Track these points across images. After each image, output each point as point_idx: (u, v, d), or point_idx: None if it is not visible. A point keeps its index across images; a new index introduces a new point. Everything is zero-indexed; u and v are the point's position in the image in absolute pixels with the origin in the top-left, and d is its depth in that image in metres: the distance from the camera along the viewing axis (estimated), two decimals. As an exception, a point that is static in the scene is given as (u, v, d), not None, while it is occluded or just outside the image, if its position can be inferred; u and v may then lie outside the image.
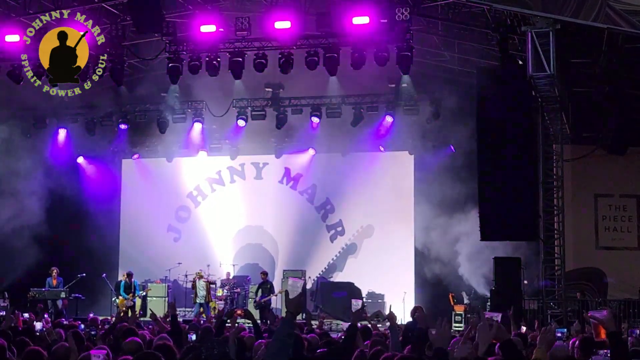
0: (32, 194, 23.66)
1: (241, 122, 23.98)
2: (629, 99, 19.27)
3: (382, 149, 24.84)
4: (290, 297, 5.20)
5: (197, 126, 24.44)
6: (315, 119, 23.53)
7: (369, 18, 18.00)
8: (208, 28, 18.89)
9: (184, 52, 19.82)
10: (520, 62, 17.84)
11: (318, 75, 20.48)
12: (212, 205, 26.64)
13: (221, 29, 19.19)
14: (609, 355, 7.11)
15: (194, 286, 22.83)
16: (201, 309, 22.41)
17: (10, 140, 23.58)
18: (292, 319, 5.19)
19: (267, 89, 23.76)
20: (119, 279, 23.01)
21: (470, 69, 21.04)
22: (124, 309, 21.95)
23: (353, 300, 7.22)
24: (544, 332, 6.39)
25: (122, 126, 24.67)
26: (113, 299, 22.21)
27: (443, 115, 22.65)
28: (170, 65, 19.87)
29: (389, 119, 23.45)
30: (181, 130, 25.00)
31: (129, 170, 27.31)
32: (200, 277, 22.71)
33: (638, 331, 11.05)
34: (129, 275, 22.48)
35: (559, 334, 6.85)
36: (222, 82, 21.29)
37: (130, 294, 22.13)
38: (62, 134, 25.14)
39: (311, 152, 25.48)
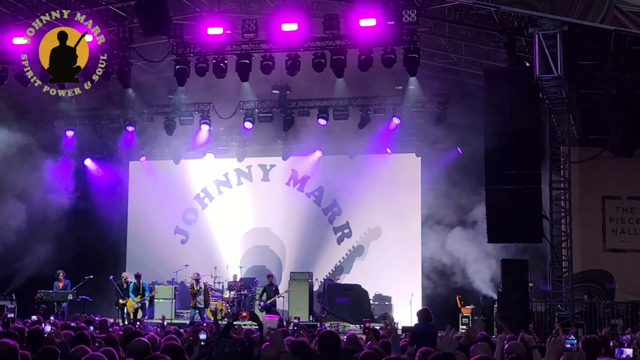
0: (39, 196, 23.74)
1: (248, 124, 24.02)
2: (637, 100, 19.21)
3: (389, 150, 24.83)
4: (274, 340, 5.18)
5: (204, 128, 24.47)
6: (322, 121, 23.53)
7: (376, 20, 18.02)
8: (215, 30, 18.91)
9: (191, 55, 19.83)
10: (528, 64, 17.81)
11: (325, 77, 20.48)
12: (219, 207, 26.66)
13: (228, 31, 19.22)
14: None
15: (195, 290, 22.49)
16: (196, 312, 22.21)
17: (17, 143, 23.61)
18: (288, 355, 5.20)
19: (274, 91, 23.78)
20: (121, 280, 22.76)
21: (477, 70, 21.04)
22: (132, 310, 21.95)
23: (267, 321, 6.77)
24: (553, 343, 6.35)
25: (130, 128, 24.71)
26: (119, 300, 22.13)
27: (450, 117, 22.67)
28: (177, 67, 19.88)
29: (395, 120, 23.45)
30: (188, 132, 25.07)
31: (136, 172, 27.36)
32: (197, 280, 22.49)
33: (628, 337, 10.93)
34: (138, 276, 22.43)
35: (569, 345, 6.79)
36: (229, 84, 21.33)
37: (139, 296, 22.11)
38: (69, 135, 25.19)
39: (318, 154, 25.48)
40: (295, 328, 12.35)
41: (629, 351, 7.78)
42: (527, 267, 18.70)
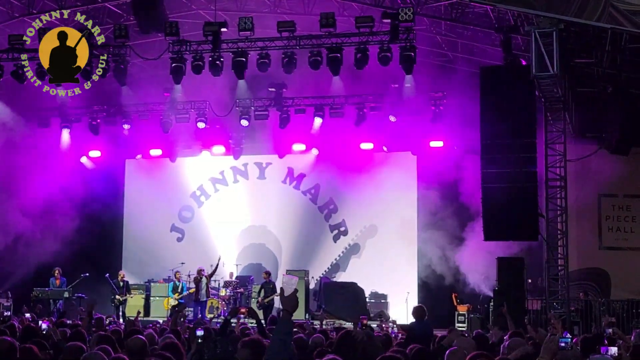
0: (35, 194, 23.70)
1: (244, 122, 24.01)
2: (633, 98, 19.24)
3: (385, 148, 24.81)
4: (286, 294, 5.09)
5: (201, 126, 24.42)
6: (318, 119, 23.53)
7: (373, 18, 18.02)
8: (211, 28, 18.90)
9: (187, 52, 19.82)
10: (524, 62, 17.83)
11: (321, 75, 20.48)
12: (216, 205, 26.64)
13: (224, 29, 19.20)
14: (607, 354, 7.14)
15: (197, 282, 22.47)
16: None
17: (14, 140, 23.59)
18: (289, 317, 5.11)
19: (270, 89, 23.77)
20: (117, 279, 22.65)
21: (473, 68, 21.04)
22: (170, 308, 21.99)
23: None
24: (548, 342, 6.32)
25: (126, 126, 24.66)
26: (116, 297, 22.05)
27: (446, 115, 22.66)
28: (173, 65, 19.86)
29: (392, 118, 23.45)
30: (184, 130, 25.02)
31: (132, 170, 27.32)
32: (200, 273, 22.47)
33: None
34: (177, 275, 22.55)
35: (563, 344, 6.81)
36: (225, 81, 21.31)
37: (177, 294, 22.07)
38: (65, 133, 25.14)
39: (314, 152, 25.46)
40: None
41: (613, 349, 7.94)
42: (523, 265, 18.72)
